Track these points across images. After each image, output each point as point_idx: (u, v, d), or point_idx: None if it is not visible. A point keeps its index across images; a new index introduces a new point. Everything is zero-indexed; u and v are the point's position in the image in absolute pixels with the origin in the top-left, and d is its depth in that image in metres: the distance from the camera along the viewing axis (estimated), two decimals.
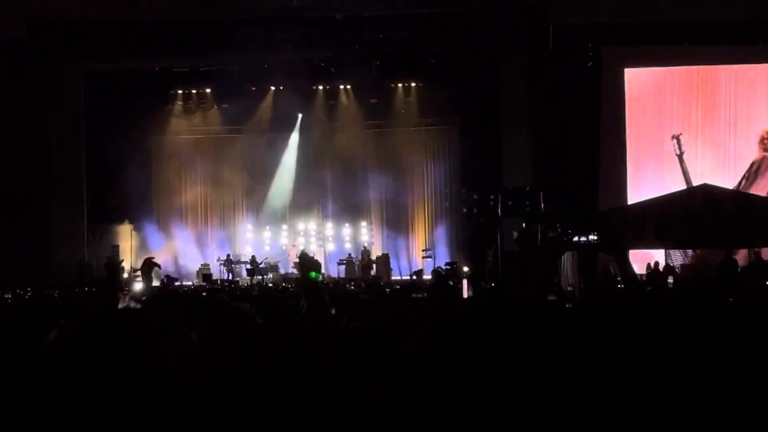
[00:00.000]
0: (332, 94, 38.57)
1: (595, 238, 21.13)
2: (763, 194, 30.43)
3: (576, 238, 21.65)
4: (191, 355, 4.73)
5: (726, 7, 31.35)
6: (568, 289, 20.69)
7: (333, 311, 9.24)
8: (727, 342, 4.65)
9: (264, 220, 39.81)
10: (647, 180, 33.09)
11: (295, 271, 36.63)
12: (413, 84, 37.96)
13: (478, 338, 4.74)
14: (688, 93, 33.73)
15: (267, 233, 39.54)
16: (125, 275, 33.87)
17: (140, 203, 36.90)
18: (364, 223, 39.54)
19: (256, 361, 4.84)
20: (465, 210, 24.09)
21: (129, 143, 35.05)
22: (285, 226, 39.72)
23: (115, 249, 35.33)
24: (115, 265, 33.41)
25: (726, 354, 4.38)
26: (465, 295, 19.98)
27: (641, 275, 23.11)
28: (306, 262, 33.32)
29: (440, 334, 4.96)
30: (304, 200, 39.75)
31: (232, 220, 40.43)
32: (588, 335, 4.92)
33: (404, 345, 5.80)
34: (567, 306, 11.56)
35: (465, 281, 26.03)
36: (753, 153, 33.17)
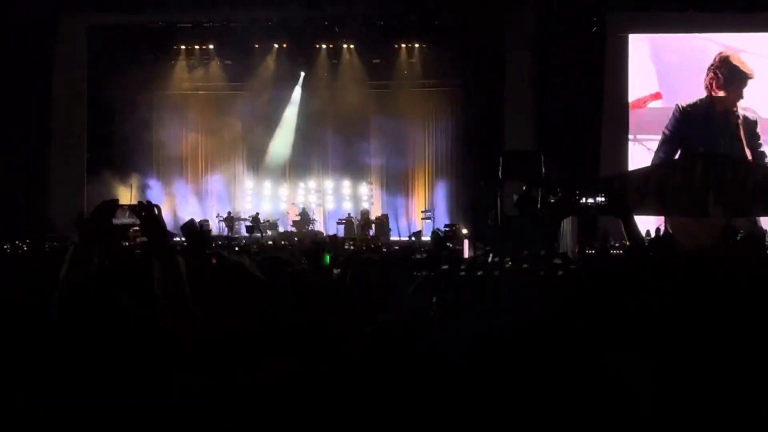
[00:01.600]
0: (335, 53, 38.49)
1: (603, 199, 21.07)
2: None
3: (583, 200, 21.59)
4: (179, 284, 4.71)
5: None
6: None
7: (337, 271, 9.23)
8: (730, 313, 4.65)
9: (264, 177, 39.80)
10: (649, 147, 33.10)
11: (294, 229, 36.67)
12: (417, 45, 37.87)
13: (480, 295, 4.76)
14: (691, 60, 33.63)
15: (267, 191, 39.54)
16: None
17: (141, 158, 36.90)
18: (363, 183, 39.55)
19: (253, 319, 4.84)
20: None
21: (131, 97, 35.00)
22: (285, 184, 39.71)
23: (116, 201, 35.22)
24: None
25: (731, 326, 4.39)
26: (465, 255, 19.92)
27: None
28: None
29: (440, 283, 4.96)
30: (305, 158, 39.77)
31: (233, 176, 40.41)
32: (593, 301, 4.92)
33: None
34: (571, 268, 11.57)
35: (466, 241, 26.03)
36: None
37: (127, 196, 35.53)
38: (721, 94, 33.25)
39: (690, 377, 3.94)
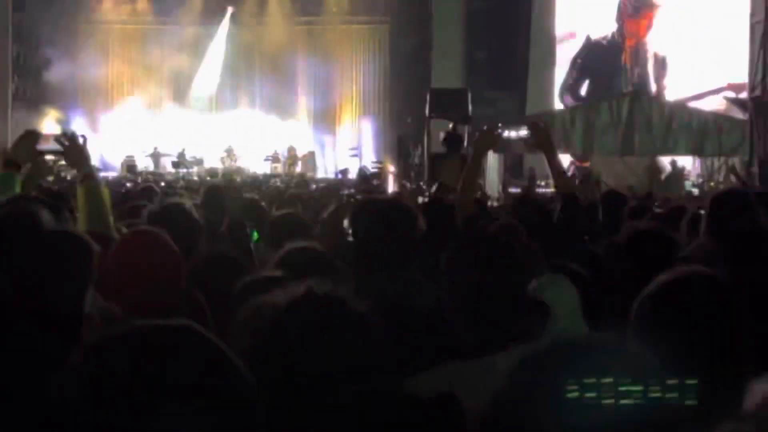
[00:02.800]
0: None
1: (526, 133, 21.20)
2: None
3: (506, 133, 21.67)
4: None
5: None
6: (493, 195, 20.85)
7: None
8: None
9: (190, 113, 39.44)
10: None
11: (220, 165, 36.45)
12: None
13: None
14: None
15: (193, 126, 39.17)
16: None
17: (66, 91, 36.36)
18: (291, 120, 39.34)
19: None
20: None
21: (56, 29, 34.43)
22: (212, 119, 39.39)
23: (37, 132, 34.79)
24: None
25: None
26: (390, 191, 19.96)
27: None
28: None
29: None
30: (232, 94, 39.51)
31: (159, 112, 39.94)
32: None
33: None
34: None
35: (390, 178, 26.12)
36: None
37: (50, 128, 35.05)
38: (631, 25, 33.29)
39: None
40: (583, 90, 33.30)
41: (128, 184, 21.29)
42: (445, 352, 3.40)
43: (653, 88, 32.31)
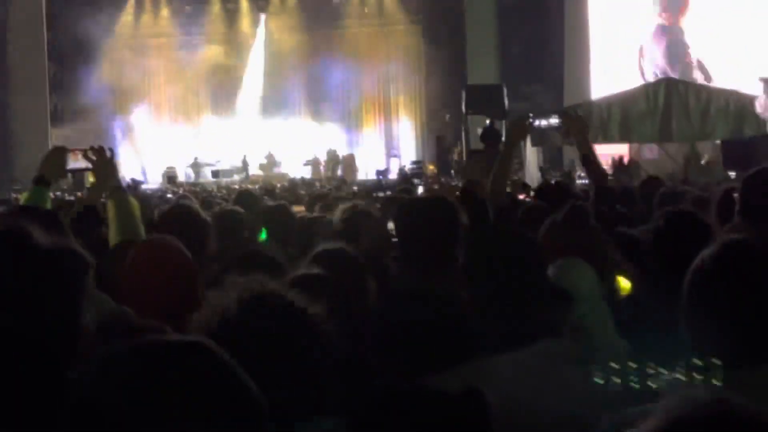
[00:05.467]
0: None
1: (557, 121, 21.13)
2: None
3: (537, 122, 21.65)
4: None
5: None
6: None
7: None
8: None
9: (229, 121, 39.66)
10: (611, 76, 33.14)
11: (261, 172, 36.59)
12: None
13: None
14: None
15: (233, 135, 39.36)
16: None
17: (105, 106, 36.58)
18: (329, 123, 39.44)
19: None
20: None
21: (92, 44, 34.66)
22: (251, 127, 39.55)
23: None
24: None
25: None
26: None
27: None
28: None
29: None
30: (270, 101, 39.64)
31: (198, 121, 40.21)
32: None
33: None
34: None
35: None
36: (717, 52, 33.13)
37: (90, 143, 35.17)
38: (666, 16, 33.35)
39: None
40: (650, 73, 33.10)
41: (169, 195, 21.41)
42: (472, 346, 3.43)
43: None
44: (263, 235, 7.13)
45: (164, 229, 5.24)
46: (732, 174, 18.67)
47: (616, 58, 33.54)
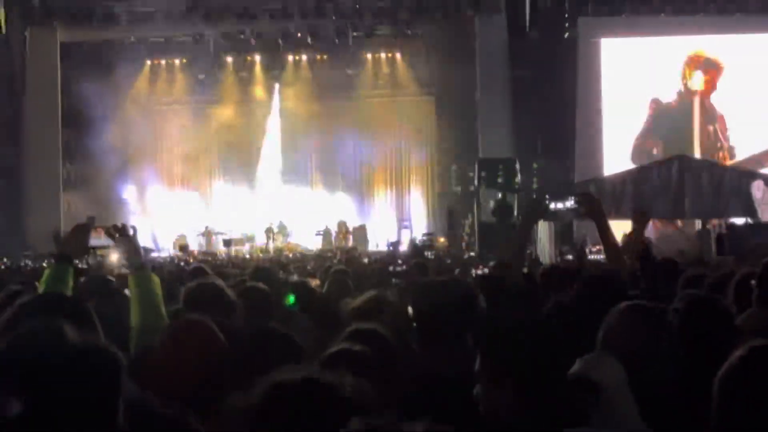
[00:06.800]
0: (309, 65, 38.46)
1: (573, 203, 21.13)
2: None
3: (553, 205, 21.66)
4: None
5: None
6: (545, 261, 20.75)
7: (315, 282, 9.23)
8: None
9: (242, 190, 39.77)
10: (623, 151, 33.21)
11: (272, 243, 36.58)
12: (389, 55, 37.91)
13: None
14: (664, 63, 33.74)
15: (245, 203, 39.47)
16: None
17: (115, 172, 36.62)
18: (341, 193, 39.50)
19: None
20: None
21: (105, 111, 34.77)
22: (262, 195, 39.65)
23: (91, 219, 35.00)
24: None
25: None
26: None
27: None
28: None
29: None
30: (282, 169, 39.76)
31: (209, 189, 40.34)
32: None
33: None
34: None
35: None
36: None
37: (101, 210, 35.27)
38: (695, 86, 33.47)
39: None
40: (656, 151, 33.21)
41: (181, 264, 21.40)
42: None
43: (724, 145, 32.45)
44: (291, 300, 7.19)
45: (191, 307, 5.26)
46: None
47: (630, 132, 33.62)
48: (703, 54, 33.56)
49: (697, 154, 31.05)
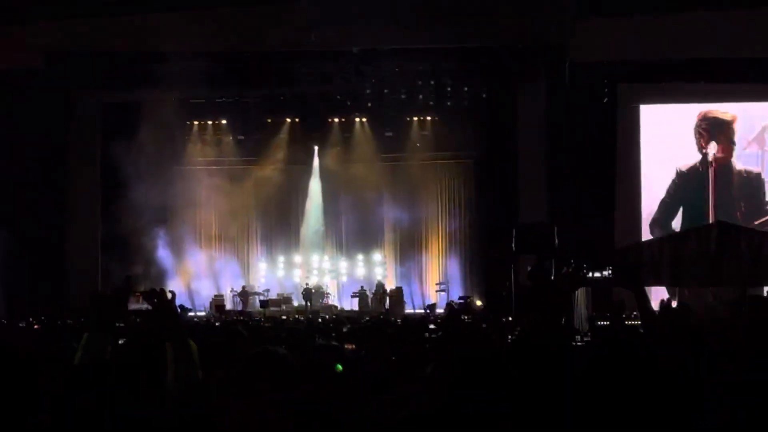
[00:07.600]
0: (348, 127, 38.67)
1: (610, 273, 21.04)
2: None
3: (590, 274, 21.58)
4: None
5: (741, 46, 31.22)
6: (581, 325, 20.63)
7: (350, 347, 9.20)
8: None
9: (280, 250, 39.96)
10: None
11: (309, 303, 36.61)
12: (429, 118, 38.03)
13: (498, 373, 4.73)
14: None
15: (283, 264, 39.63)
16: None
17: (155, 233, 36.82)
18: (378, 256, 39.58)
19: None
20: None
21: (145, 173, 34.96)
22: (299, 257, 39.80)
23: (129, 279, 35.08)
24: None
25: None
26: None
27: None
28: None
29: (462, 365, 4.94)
30: (321, 231, 39.90)
31: (246, 250, 40.51)
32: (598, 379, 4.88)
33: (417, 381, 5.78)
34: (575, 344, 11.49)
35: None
36: None
37: (140, 271, 35.45)
38: (711, 149, 33.39)
39: None
40: (675, 222, 33.19)
41: (217, 324, 21.45)
42: None
43: (739, 210, 32.34)
44: (339, 368, 7.22)
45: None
46: None
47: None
48: (708, 114, 33.63)
49: None
